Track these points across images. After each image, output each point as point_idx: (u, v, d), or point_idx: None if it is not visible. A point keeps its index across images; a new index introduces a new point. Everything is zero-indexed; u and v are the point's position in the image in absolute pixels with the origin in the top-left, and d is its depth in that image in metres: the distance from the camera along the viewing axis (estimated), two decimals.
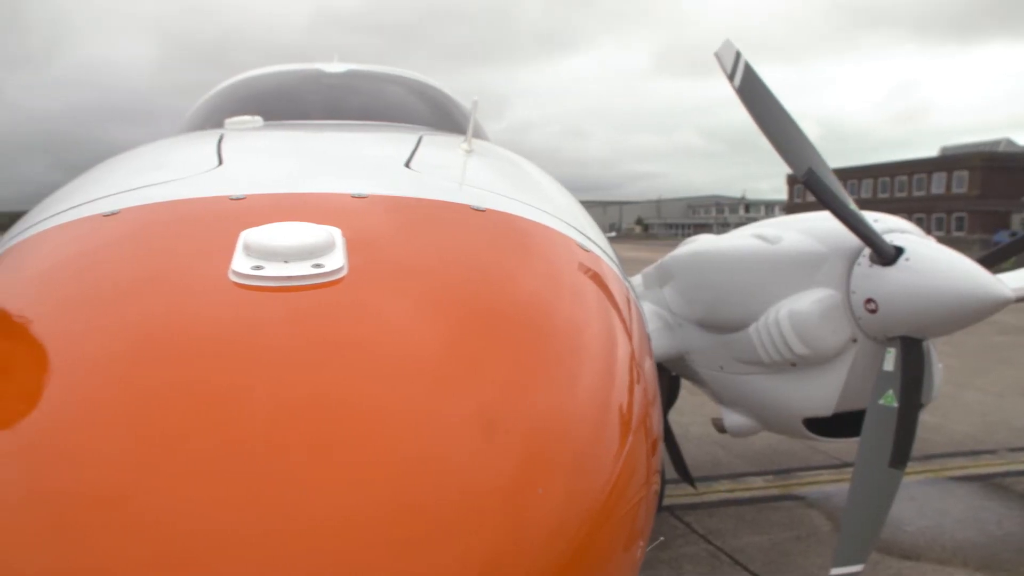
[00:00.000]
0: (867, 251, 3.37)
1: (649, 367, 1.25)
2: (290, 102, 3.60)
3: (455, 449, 0.86)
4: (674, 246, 4.63)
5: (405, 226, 1.27)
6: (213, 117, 3.55)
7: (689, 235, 5.40)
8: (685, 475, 5.08)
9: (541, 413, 0.94)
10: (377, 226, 1.23)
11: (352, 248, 1.08)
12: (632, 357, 1.17)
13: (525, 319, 1.09)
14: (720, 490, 5.81)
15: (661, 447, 1.17)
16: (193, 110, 4.15)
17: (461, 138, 2.52)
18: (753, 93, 3.61)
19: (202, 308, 0.99)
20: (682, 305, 4.21)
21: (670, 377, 4.86)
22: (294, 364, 0.90)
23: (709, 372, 4.22)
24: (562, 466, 0.90)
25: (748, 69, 3.65)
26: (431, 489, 0.82)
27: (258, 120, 2.79)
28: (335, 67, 4.29)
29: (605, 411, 1.03)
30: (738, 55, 3.69)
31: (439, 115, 3.78)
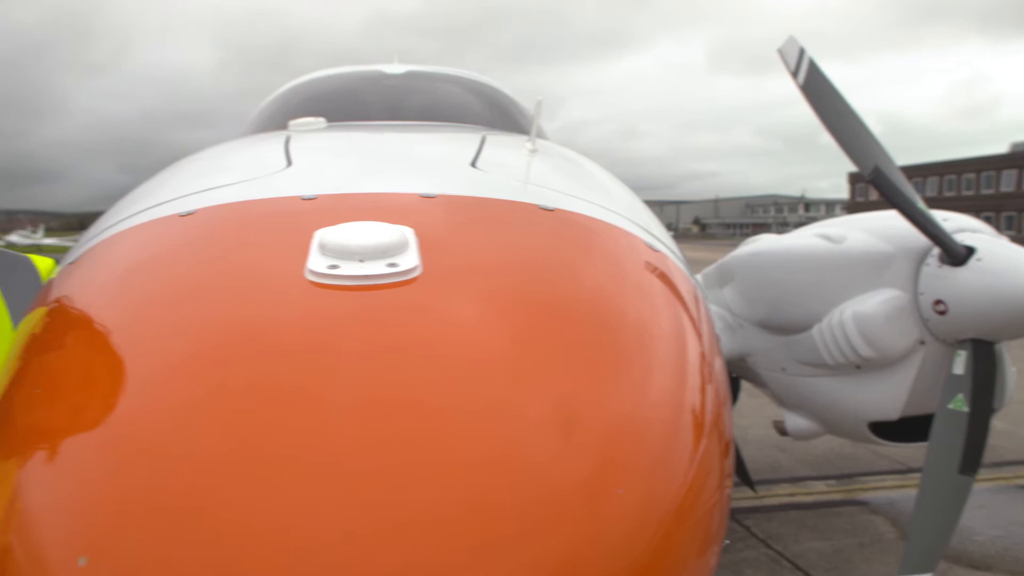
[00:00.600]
0: (936, 251, 3.28)
1: (720, 367, 1.24)
2: (352, 103, 3.64)
3: (534, 449, 0.86)
4: (733, 246, 4.58)
5: (475, 225, 1.28)
6: (277, 119, 3.62)
7: (747, 235, 5.33)
8: (745, 478, 5.01)
9: (617, 414, 0.94)
10: (448, 225, 1.25)
11: (424, 247, 1.09)
12: (703, 357, 1.17)
13: (598, 319, 1.08)
14: (780, 494, 5.71)
15: (733, 449, 1.16)
16: (257, 112, 4.23)
17: (523, 138, 2.52)
18: (818, 90, 3.55)
19: (281, 307, 1.01)
20: (743, 306, 4.15)
21: (730, 379, 4.81)
22: (373, 363, 0.91)
23: (771, 374, 4.16)
24: (640, 467, 0.90)
25: (812, 66, 3.59)
26: (511, 489, 0.82)
27: (321, 122, 2.84)
28: (395, 68, 4.33)
29: (680, 412, 1.02)
30: (802, 52, 3.63)
31: (499, 115, 3.79)
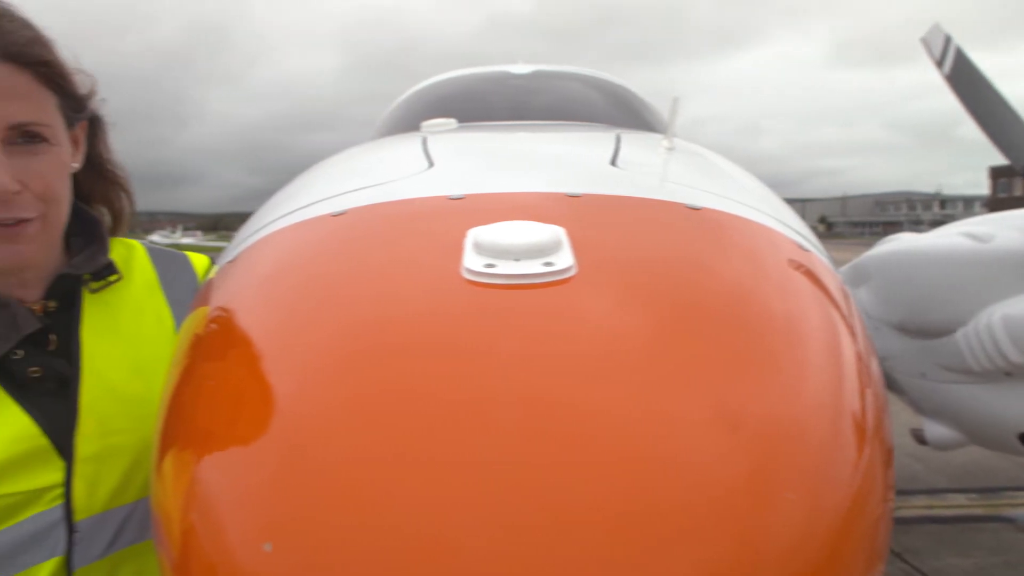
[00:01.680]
0: None
1: (877, 371, 1.19)
2: (481, 104, 3.70)
3: (699, 451, 0.86)
4: (862, 245, 4.40)
5: (625, 225, 1.27)
6: (408, 120, 3.71)
7: (877, 234, 5.12)
8: None
9: (781, 418, 0.92)
10: (597, 225, 1.25)
11: (576, 247, 1.09)
12: (861, 360, 1.12)
13: (756, 321, 1.06)
14: (917, 506, 5.46)
15: (894, 459, 1.12)
16: (388, 114, 4.35)
17: (657, 136, 2.50)
18: (965, 80, 3.37)
19: (441, 305, 1.03)
20: (880, 307, 3.99)
21: None
22: (537, 361, 0.92)
23: (909, 379, 3.98)
24: (806, 472, 0.88)
25: (960, 54, 3.40)
26: (679, 491, 0.82)
27: (452, 122, 2.89)
28: (521, 68, 4.37)
29: (842, 418, 0.99)
30: (948, 40, 3.45)
31: (629, 113, 3.76)
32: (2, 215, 1.36)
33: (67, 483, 1.41)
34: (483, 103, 3.72)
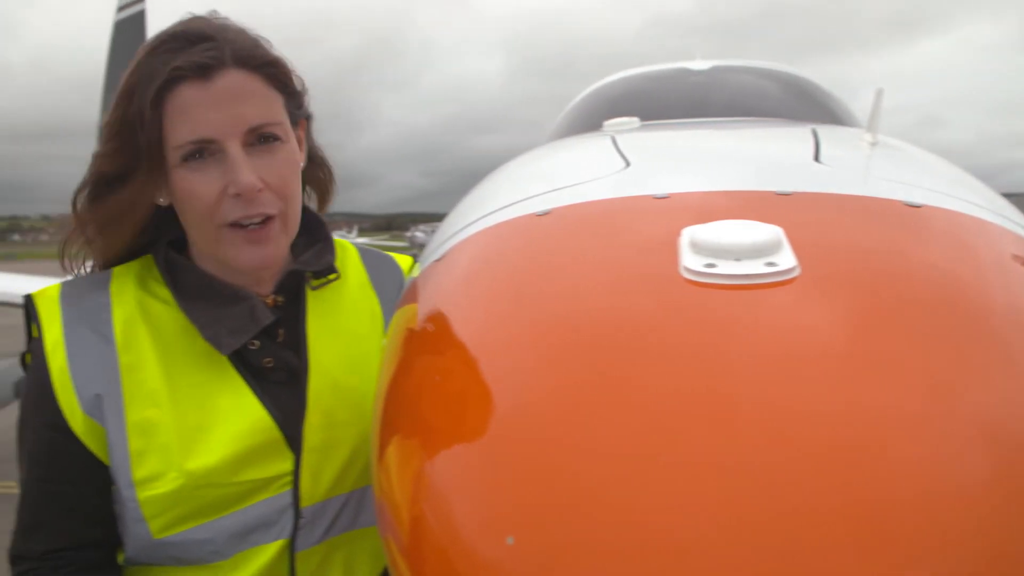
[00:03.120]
0: None
1: None
2: (662, 101, 3.66)
3: (956, 459, 0.81)
4: None
5: (844, 223, 1.22)
6: (588, 120, 3.72)
7: None
8: None
9: None
10: (814, 223, 1.20)
11: (796, 246, 1.06)
12: None
13: (995, 321, 0.99)
14: None
15: None
16: (565, 114, 4.39)
17: (854, 131, 2.38)
18: None
19: (664, 305, 1.03)
20: None
21: None
22: (771, 363, 0.90)
23: None
24: None
25: None
26: (930, 502, 0.78)
27: (635, 121, 2.86)
28: (700, 64, 4.29)
29: None
30: None
31: (817, 107, 3.61)
32: (250, 212, 1.46)
33: (295, 472, 1.51)
34: (663, 101, 3.67)
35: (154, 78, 1.40)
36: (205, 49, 1.42)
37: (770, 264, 1.01)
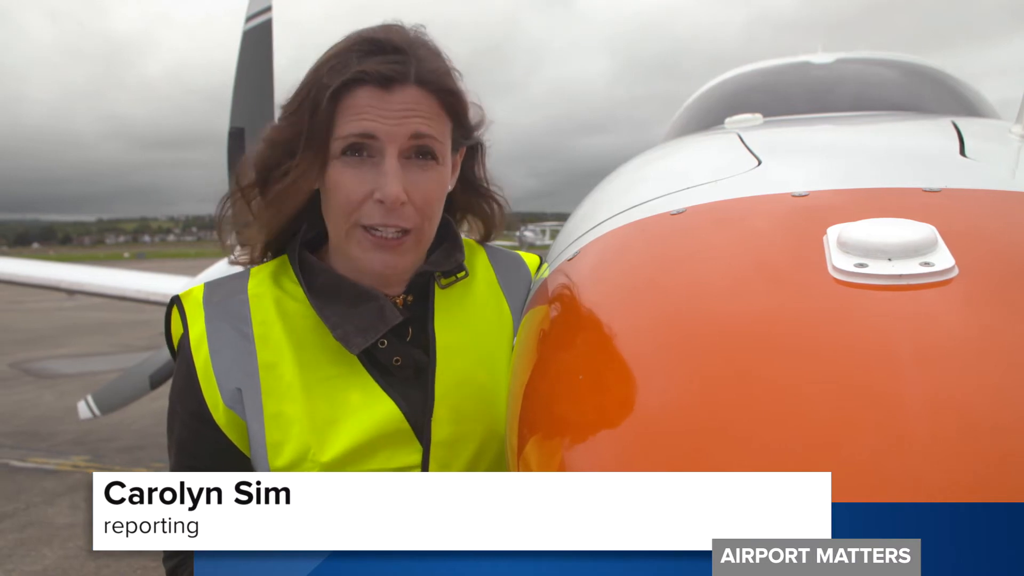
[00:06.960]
0: None
1: None
2: (785, 97, 3.56)
3: None
4: None
5: (1000, 221, 1.16)
6: (709, 116, 3.66)
7: None
8: None
9: None
10: (968, 221, 1.15)
11: (952, 244, 1.01)
12: None
13: None
14: None
15: None
16: (683, 111, 4.33)
17: (1000, 123, 2.26)
18: None
19: (815, 305, 1.00)
20: None
21: None
22: (931, 367, 0.87)
23: None
24: None
25: None
26: None
27: (758, 117, 2.80)
28: (823, 57, 4.16)
29: None
30: None
31: (953, 98, 3.44)
32: (388, 222, 1.51)
33: (423, 465, 1.55)
34: (787, 96, 3.57)
35: (339, 74, 1.47)
36: (393, 61, 1.47)
37: (926, 264, 0.97)
